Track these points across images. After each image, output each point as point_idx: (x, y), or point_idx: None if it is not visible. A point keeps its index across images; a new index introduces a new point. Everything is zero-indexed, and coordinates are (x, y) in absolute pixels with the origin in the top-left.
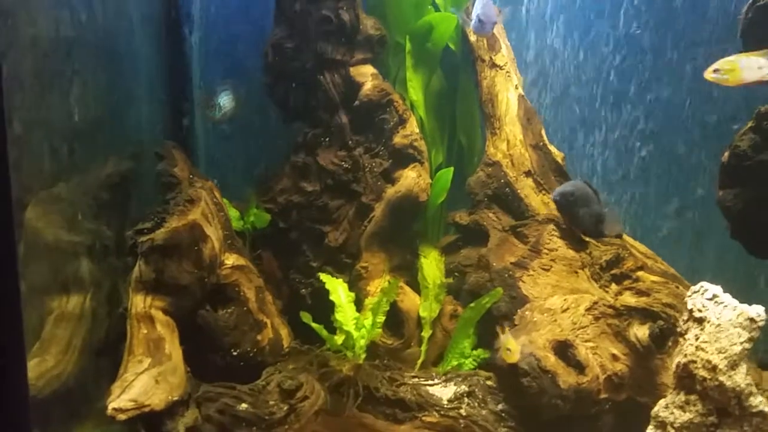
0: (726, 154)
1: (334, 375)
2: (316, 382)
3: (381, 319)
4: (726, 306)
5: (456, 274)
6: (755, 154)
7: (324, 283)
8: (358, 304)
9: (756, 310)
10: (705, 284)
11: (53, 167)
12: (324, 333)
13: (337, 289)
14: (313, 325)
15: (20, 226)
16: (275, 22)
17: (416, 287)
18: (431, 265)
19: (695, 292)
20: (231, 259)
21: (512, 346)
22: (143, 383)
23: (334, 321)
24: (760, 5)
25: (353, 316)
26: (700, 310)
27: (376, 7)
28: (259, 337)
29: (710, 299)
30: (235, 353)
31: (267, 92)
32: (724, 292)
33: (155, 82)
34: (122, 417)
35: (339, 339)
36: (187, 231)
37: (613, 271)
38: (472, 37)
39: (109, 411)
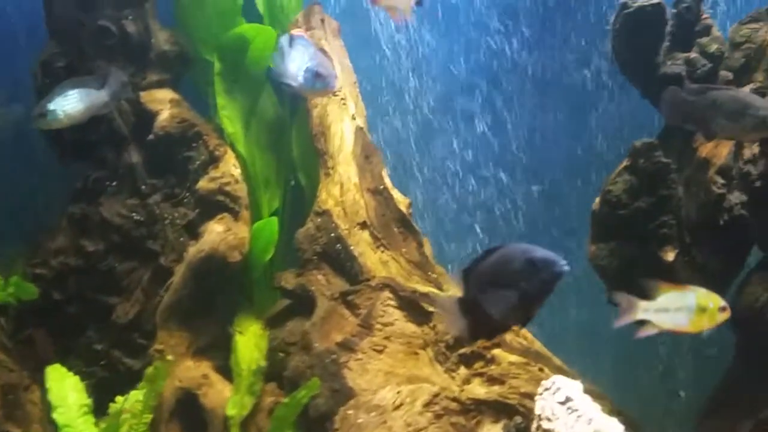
0: (597, 200)
1: None
2: None
3: (142, 430)
4: (580, 416)
5: (280, 354)
6: (632, 201)
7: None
8: None
9: (613, 427)
10: (558, 380)
11: None
12: None
13: (64, 386)
14: None
15: None
16: (49, 34)
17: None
18: (248, 343)
19: (547, 390)
20: None
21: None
22: None
23: None
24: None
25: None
26: (549, 419)
27: (181, 17)
28: None
29: (562, 403)
30: None
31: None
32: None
33: None
34: None
35: None
36: None
37: (462, 351)
38: None
39: None
